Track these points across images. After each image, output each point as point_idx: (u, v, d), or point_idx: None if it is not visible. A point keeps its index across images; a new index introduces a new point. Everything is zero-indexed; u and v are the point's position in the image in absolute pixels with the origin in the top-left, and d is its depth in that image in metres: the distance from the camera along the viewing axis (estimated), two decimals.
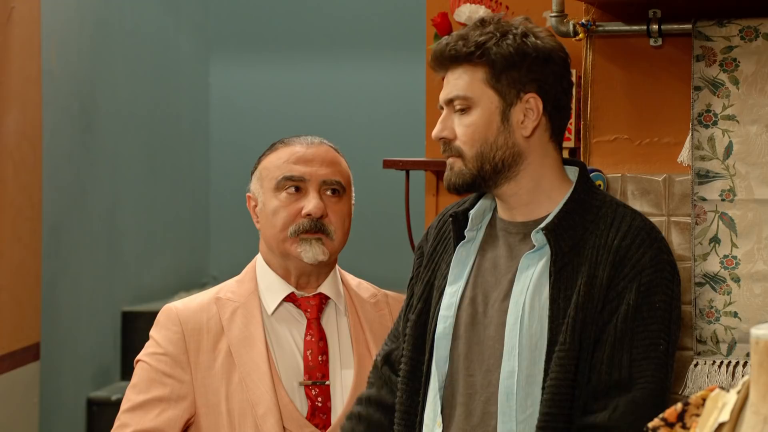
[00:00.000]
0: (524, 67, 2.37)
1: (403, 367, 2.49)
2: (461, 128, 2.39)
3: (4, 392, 4.28)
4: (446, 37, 2.45)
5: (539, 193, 2.42)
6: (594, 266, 2.34)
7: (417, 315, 2.49)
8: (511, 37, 2.37)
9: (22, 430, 4.45)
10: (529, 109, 2.38)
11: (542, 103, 2.38)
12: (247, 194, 2.81)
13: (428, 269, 2.52)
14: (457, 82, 2.39)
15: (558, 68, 2.40)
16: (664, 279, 2.36)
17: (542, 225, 2.37)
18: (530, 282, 2.36)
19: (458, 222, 2.47)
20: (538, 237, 2.37)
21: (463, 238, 2.47)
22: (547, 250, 2.37)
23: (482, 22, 2.42)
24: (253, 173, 2.81)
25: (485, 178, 2.39)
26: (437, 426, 2.42)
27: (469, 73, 2.38)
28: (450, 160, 2.42)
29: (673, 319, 2.37)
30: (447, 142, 2.41)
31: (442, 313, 2.44)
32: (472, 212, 2.47)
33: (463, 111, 2.39)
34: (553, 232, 2.35)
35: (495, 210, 2.49)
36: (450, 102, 2.41)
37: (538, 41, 2.39)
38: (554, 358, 2.30)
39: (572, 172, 2.47)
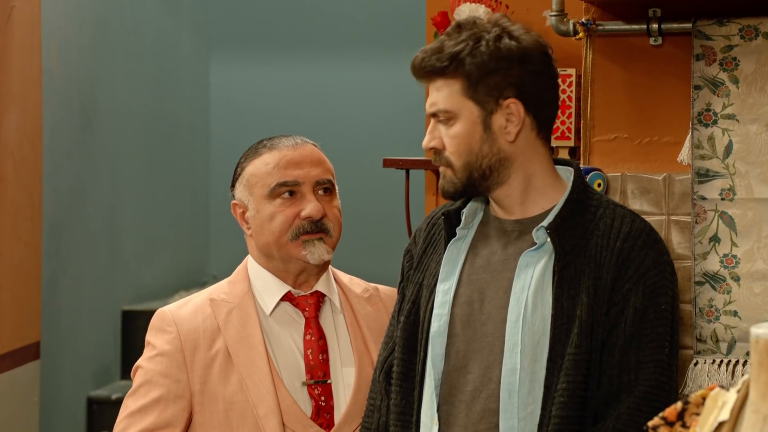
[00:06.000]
0: (500, 73, 2.35)
1: (395, 369, 2.49)
2: (447, 139, 2.40)
3: (4, 391, 4.28)
4: (422, 49, 2.44)
5: (532, 191, 2.42)
6: (598, 268, 2.34)
7: (406, 316, 2.49)
8: (484, 43, 2.35)
9: (22, 429, 4.45)
10: (510, 114, 2.37)
11: (523, 107, 2.37)
12: (233, 202, 2.78)
13: (418, 270, 2.52)
14: (438, 94, 2.40)
15: (537, 66, 2.38)
16: (666, 280, 2.38)
17: (545, 223, 2.37)
18: (532, 279, 2.37)
19: (450, 220, 2.48)
20: (539, 235, 2.38)
21: (455, 235, 2.48)
22: (547, 248, 2.37)
23: (458, 28, 2.40)
24: (236, 179, 2.77)
25: (475, 185, 2.41)
26: (434, 424, 2.41)
27: (447, 85, 2.38)
28: (441, 169, 2.44)
29: (675, 319, 2.39)
30: (437, 152, 2.43)
31: (435, 311, 2.44)
32: (464, 210, 2.48)
33: (447, 122, 2.40)
34: (556, 231, 2.36)
35: (486, 208, 2.49)
36: (434, 115, 2.42)
37: (513, 42, 2.36)
38: (567, 360, 2.31)
39: (565, 171, 2.47)
